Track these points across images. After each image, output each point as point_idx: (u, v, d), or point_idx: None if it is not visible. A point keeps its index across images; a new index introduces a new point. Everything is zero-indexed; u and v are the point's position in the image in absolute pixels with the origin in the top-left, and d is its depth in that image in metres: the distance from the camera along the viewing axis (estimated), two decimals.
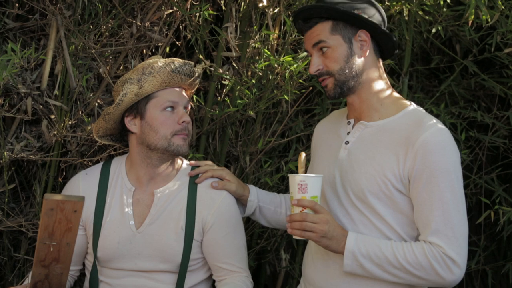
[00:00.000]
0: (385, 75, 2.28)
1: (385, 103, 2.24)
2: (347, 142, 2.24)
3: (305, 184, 2.08)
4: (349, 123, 2.28)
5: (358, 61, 2.20)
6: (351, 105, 2.26)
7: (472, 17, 2.55)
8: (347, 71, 2.19)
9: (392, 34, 2.23)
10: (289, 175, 2.13)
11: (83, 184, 2.47)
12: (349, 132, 2.26)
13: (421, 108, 2.25)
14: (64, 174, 2.88)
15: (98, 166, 2.52)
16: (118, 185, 2.45)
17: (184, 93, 2.44)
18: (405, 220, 2.17)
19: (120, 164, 2.50)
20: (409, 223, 2.17)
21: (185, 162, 2.53)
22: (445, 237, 2.07)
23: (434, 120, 2.17)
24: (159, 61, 2.37)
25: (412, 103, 2.26)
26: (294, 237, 2.10)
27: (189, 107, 2.46)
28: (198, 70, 2.46)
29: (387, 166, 2.14)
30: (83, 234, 2.44)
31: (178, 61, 2.39)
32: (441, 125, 2.15)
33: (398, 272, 2.09)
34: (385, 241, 2.13)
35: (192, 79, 2.42)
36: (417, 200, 2.11)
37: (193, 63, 2.41)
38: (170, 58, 2.42)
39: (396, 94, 2.29)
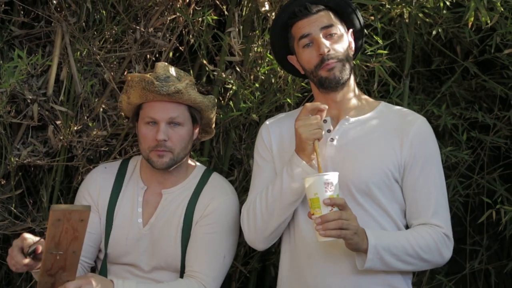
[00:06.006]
0: None
1: (361, 101, 2.35)
2: (332, 140, 2.27)
3: (331, 182, 2.05)
4: (325, 121, 2.28)
5: (351, 56, 2.31)
6: (332, 102, 2.29)
7: (472, 19, 2.58)
8: (349, 61, 2.27)
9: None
10: (309, 176, 2.07)
11: (101, 177, 2.54)
12: (329, 130, 2.29)
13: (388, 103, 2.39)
14: (69, 178, 2.92)
15: (117, 163, 2.59)
16: (132, 183, 2.52)
17: (169, 109, 2.40)
18: (399, 208, 2.26)
19: (136, 162, 2.57)
20: (401, 211, 2.26)
21: (198, 164, 2.57)
22: (442, 217, 2.21)
23: (411, 110, 2.36)
24: (137, 76, 2.38)
25: (380, 100, 2.40)
26: (323, 239, 2.04)
27: (183, 120, 2.42)
28: (177, 86, 2.37)
29: (386, 157, 2.22)
30: (99, 222, 2.49)
31: (148, 77, 2.36)
32: (419, 115, 2.32)
33: (410, 259, 2.16)
34: (395, 232, 2.21)
35: (167, 96, 2.37)
36: (415, 187, 2.22)
37: (157, 83, 2.35)
38: (151, 72, 2.44)
39: (363, 93, 2.41)
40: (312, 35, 2.24)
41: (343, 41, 2.26)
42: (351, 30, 2.33)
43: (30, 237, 2.18)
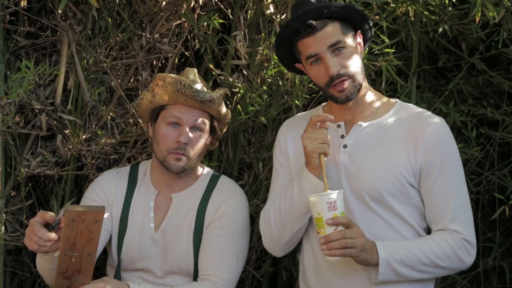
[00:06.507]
0: None
1: (375, 102, 2.28)
2: (345, 146, 2.23)
3: (334, 201, 2.03)
4: (339, 126, 2.26)
5: (361, 61, 2.23)
6: (345, 107, 2.24)
7: (479, 14, 2.57)
8: (360, 71, 2.20)
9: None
10: (312, 196, 2.06)
11: (115, 181, 2.52)
12: (342, 135, 2.25)
13: (404, 102, 2.33)
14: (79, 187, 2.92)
15: (127, 168, 2.58)
16: (143, 188, 2.51)
17: (195, 113, 2.40)
18: (417, 212, 2.21)
19: (146, 167, 2.55)
20: (419, 215, 2.22)
21: (207, 168, 2.57)
22: (462, 222, 2.15)
23: (427, 111, 2.26)
24: (170, 77, 2.37)
25: (395, 99, 2.33)
26: (330, 259, 2.04)
27: (204, 127, 2.43)
28: (212, 95, 2.40)
29: (399, 163, 2.16)
30: (110, 221, 2.47)
31: (185, 80, 2.36)
32: (436, 116, 2.24)
33: (427, 268, 2.12)
34: (408, 242, 2.15)
35: (200, 102, 2.38)
36: (432, 191, 2.16)
37: (195, 88, 2.36)
38: (181, 76, 2.42)
39: (377, 93, 2.33)
40: (320, 55, 2.16)
41: (352, 53, 2.18)
42: (359, 31, 2.25)
43: (49, 212, 2.07)
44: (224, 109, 2.48)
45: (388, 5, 2.78)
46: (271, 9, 2.80)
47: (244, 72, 2.89)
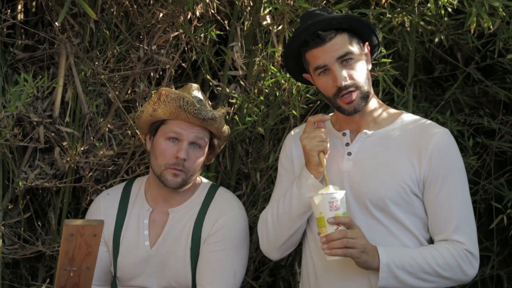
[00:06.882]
0: None
1: (381, 112, 2.29)
2: (349, 153, 2.24)
3: (336, 200, 2.04)
4: (344, 134, 2.27)
5: (368, 71, 2.24)
6: (351, 119, 2.25)
7: (475, 25, 2.59)
8: (367, 81, 2.22)
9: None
10: (314, 195, 2.07)
11: (104, 204, 2.51)
12: (347, 143, 2.26)
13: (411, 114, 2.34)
14: (77, 200, 2.91)
15: (121, 186, 2.56)
16: (137, 205, 2.49)
17: (195, 130, 2.40)
18: (420, 223, 2.21)
19: (141, 184, 2.54)
20: (423, 225, 2.21)
21: (204, 180, 2.55)
22: (465, 233, 2.14)
23: (432, 121, 2.28)
24: (174, 92, 2.37)
25: (401, 110, 2.35)
26: (331, 259, 2.04)
27: (203, 144, 2.42)
28: (215, 113, 2.40)
29: (403, 172, 2.17)
30: (106, 251, 2.47)
31: (187, 97, 2.36)
32: (441, 126, 2.25)
33: (428, 276, 2.12)
34: (410, 249, 2.15)
35: (202, 120, 2.38)
36: (435, 201, 2.16)
37: (198, 105, 2.36)
38: (184, 91, 2.42)
39: (382, 103, 2.35)
40: (328, 66, 2.17)
41: (360, 64, 2.20)
42: (366, 43, 2.26)
43: None
44: (224, 127, 2.48)
45: (384, 15, 2.80)
46: (268, 20, 2.82)
47: (241, 82, 2.90)
